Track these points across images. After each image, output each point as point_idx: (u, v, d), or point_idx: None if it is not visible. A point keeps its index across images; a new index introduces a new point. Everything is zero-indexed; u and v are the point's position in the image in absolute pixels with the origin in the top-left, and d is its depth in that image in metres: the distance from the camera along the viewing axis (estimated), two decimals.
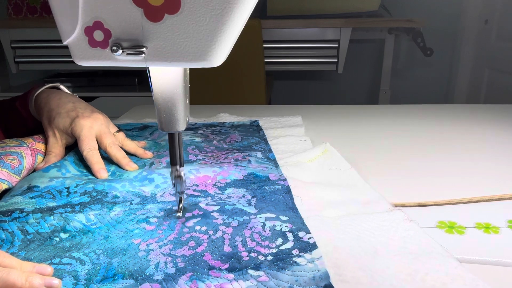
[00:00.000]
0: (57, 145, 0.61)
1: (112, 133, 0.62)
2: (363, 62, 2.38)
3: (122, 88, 1.95)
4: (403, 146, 0.75)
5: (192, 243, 0.40)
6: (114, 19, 0.33)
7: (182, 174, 0.44)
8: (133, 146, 0.64)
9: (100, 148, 0.60)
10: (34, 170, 0.58)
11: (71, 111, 0.62)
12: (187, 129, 0.77)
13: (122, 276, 0.36)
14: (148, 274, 0.36)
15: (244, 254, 0.38)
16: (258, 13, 1.89)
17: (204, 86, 1.61)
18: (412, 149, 0.73)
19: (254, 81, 1.65)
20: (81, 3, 0.33)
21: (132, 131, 0.78)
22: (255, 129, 0.79)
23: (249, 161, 0.60)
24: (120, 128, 0.66)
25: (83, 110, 0.62)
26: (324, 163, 0.61)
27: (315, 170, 0.60)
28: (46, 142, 0.62)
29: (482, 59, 2.06)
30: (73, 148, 0.63)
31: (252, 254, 0.38)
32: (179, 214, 0.45)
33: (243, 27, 0.34)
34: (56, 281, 0.34)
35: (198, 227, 0.43)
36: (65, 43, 0.35)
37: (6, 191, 0.53)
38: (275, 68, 1.90)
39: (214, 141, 0.71)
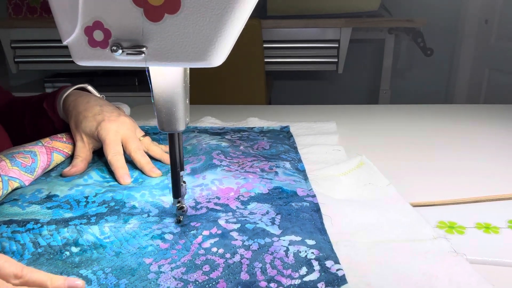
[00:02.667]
0: (84, 149, 0.60)
1: (138, 137, 0.61)
2: (363, 62, 2.38)
3: (122, 88, 1.95)
4: (403, 146, 0.75)
5: (206, 267, 0.37)
6: (114, 19, 0.33)
7: (184, 205, 0.44)
8: (159, 151, 0.63)
9: (125, 153, 0.59)
10: (61, 175, 0.57)
11: (98, 114, 0.61)
12: (214, 133, 0.76)
13: None
14: None
15: (263, 284, 0.35)
16: (258, 13, 1.89)
17: (204, 86, 1.61)
18: (412, 149, 0.73)
19: (254, 81, 1.65)
20: (81, 3, 0.33)
21: (159, 135, 0.76)
22: (285, 135, 0.75)
23: (276, 173, 0.56)
24: (147, 133, 0.65)
25: (110, 114, 0.61)
26: (359, 177, 0.56)
27: (348, 185, 0.54)
28: (65, 141, 0.62)
29: (482, 59, 2.06)
30: (100, 152, 0.62)
31: (272, 285, 0.35)
32: (180, 218, 0.45)
33: (243, 27, 0.34)
34: None
35: (214, 249, 0.40)
36: (65, 43, 0.35)
37: (17, 188, 0.52)
38: (275, 68, 1.90)
39: (241, 147, 0.67)
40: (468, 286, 0.34)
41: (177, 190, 0.44)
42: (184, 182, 0.44)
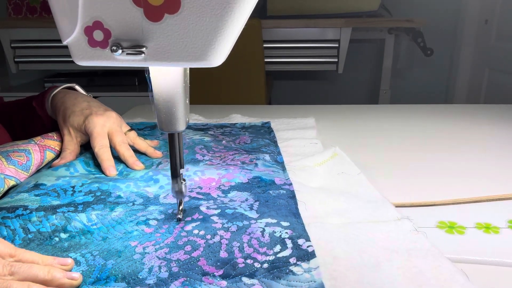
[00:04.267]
0: (72, 143, 0.62)
1: (123, 132, 0.63)
2: (363, 62, 2.38)
3: (122, 88, 1.95)
4: (403, 146, 0.75)
5: (188, 247, 0.40)
6: (114, 19, 0.33)
7: (182, 188, 0.44)
8: (144, 145, 0.65)
9: (111, 146, 0.61)
10: (50, 167, 0.59)
11: (85, 109, 0.63)
12: (197, 129, 0.78)
13: (115, 279, 0.36)
14: (140, 277, 0.36)
15: (240, 260, 0.38)
16: (258, 13, 1.89)
17: (204, 86, 1.61)
18: (412, 149, 0.73)
19: (254, 81, 1.65)
20: (81, 3, 0.33)
21: (144, 130, 0.78)
22: (266, 130, 0.78)
23: (256, 165, 0.59)
24: (132, 128, 0.67)
25: (97, 109, 0.63)
26: (333, 167, 0.59)
27: (323, 174, 0.58)
28: (56, 139, 0.63)
29: (482, 59, 2.06)
30: (88, 146, 0.63)
31: (248, 261, 0.37)
32: (179, 216, 0.45)
33: (243, 27, 0.34)
34: (76, 274, 0.35)
35: (196, 231, 0.42)
36: (65, 43, 0.35)
37: (13, 187, 0.53)
38: (275, 68, 1.90)
39: (223, 141, 0.70)
40: (425, 259, 0.37)
41: (174, 168, 0.44)
42: (184, 180, 0.45)
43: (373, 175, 0.60)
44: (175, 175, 0.44)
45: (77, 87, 0.70)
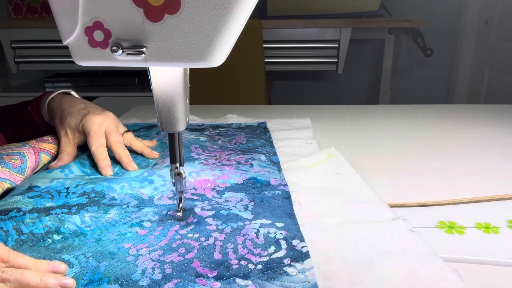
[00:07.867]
0: (69, 144, 0.61)
1: (120, 132, 0.63)
2: (363, 62, 2.38)
3: (122, 88, 1.95)
4: (403, 146, 0.75)
5: (182, 250, 0.40)
6: (114, 19, 0.33)
7: (182, 171, 0.44)
8: (141, 146, 0.65)
9: (107, 146, 0.61)
10: (47, 169, 0.58)
11: (83, 109, 0.63)
12: (193, 129, 0.77)
13: (108, 281, 0.35)
14: (134, 279, 0.35)
15: (234, 262, 0.37)
16: (258, 13, 1.89)
17: (204, 86, 1.61)
18: (412, 149, 0.73)
19: (254, 81, 1.65)
20: (81, 3, 0.33)
21: (140, 131, 0.78)
22: (262, 131, 0.77)
23: (252, 165, 0.59)
24: (128, 129, 0.67)
25: (94, 109, 0.64)
26: (329, 168, 0.59)
27: (318, 175, 0.58)
28: (51, 142, 0.63)
29: (482, 59, 2.06)
30: (84, 148, 0.63)
31: (242, 262, 0.37)
32: (179, 214, 0.45)
33: (243, 27, 0.34)
34: (70, 281, 0.34)
35: (190, 235, 0.42)
36: (65, 43, 0.35)
37: (9, 190, 0.53)
38: (275, 68, 1.90)
39: (219, 141, 0.70)
40: (419, 259, 0.37)
41: (174, 156, 0.44)
42: (184, 177, 0.45)
43: (373, 175, 0.60)
44: (174, 161, 0.43)
45: (73, 93, 0.70)
